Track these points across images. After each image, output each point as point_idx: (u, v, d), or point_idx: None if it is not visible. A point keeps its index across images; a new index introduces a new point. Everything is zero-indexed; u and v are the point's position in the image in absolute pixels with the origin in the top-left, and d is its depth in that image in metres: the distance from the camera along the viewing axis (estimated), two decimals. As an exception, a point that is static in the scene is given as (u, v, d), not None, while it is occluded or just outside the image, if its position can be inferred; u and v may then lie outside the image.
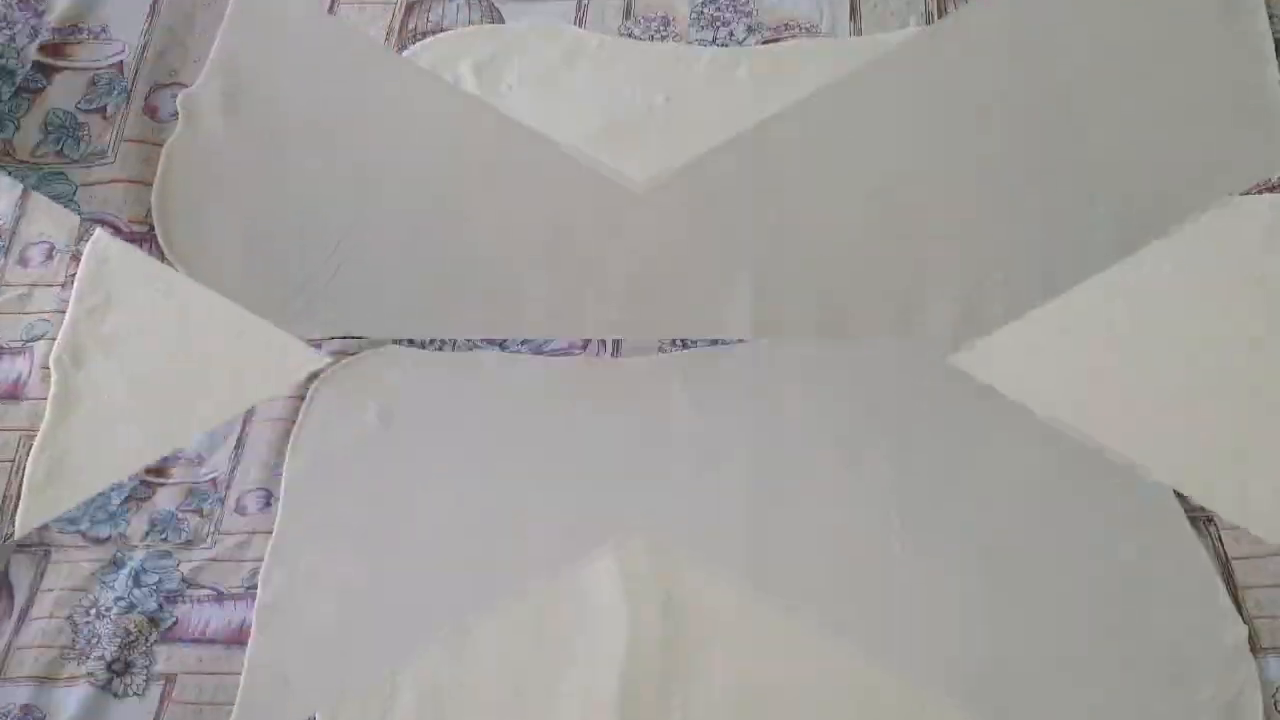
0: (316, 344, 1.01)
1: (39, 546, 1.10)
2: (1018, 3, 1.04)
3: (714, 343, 1.01)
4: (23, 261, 1.05)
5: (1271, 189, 1.00)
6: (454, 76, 1.03)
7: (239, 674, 0.98)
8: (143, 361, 1.00)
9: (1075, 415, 0.96)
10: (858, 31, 1.05)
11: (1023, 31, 1.01)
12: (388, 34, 1.11)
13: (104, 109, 0.99)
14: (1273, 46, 0.97)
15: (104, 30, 1.02)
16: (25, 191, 1.05)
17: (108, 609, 1.03)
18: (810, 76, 1.01)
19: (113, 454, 1.02)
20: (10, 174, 1.04)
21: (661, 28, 1.14)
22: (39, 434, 1.04)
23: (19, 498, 1.02)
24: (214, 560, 1.05)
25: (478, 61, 1.05)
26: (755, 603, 0.92)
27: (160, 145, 1.03)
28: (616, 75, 1.04)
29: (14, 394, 1.05)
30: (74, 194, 1.02)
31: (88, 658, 1.00)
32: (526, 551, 0.98)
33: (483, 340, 1.02)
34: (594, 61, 1.06)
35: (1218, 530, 1.04)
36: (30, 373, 1.05)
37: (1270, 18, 0.99)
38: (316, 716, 0.96)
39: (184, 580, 1.04)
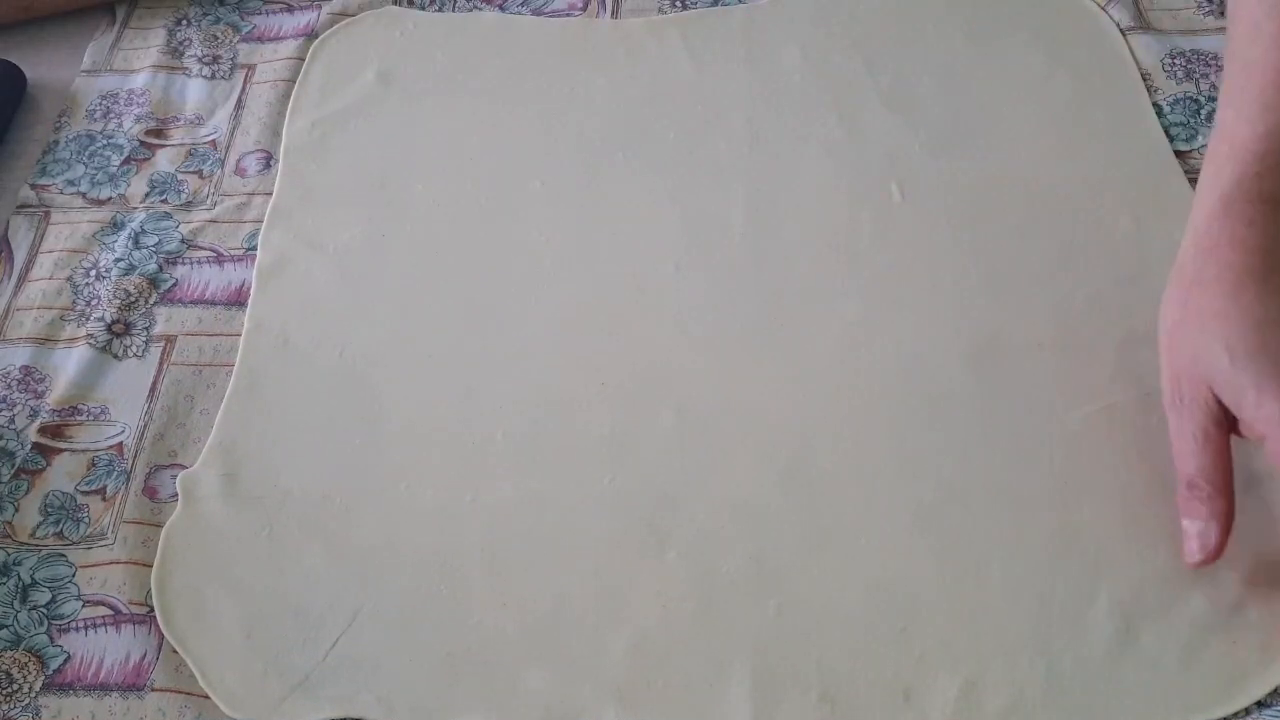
0: None
1: (38, 208, 1.13)
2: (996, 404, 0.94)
3: None
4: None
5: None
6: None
7: (238, 335, 1.02)
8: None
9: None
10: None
11: (1017, 421, 0.94)
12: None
13: (103, 490, 0.93)
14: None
15: (104, 411, 0.96)
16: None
17: (107, 270, 1.08)
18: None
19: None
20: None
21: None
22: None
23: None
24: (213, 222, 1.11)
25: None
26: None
27: (159, 526, 0.91)
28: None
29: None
30: (73, 576, 0.88)
31: (88, 319, 1.04)
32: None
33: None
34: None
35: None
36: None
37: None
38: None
39: (184, 241, 1.09)
